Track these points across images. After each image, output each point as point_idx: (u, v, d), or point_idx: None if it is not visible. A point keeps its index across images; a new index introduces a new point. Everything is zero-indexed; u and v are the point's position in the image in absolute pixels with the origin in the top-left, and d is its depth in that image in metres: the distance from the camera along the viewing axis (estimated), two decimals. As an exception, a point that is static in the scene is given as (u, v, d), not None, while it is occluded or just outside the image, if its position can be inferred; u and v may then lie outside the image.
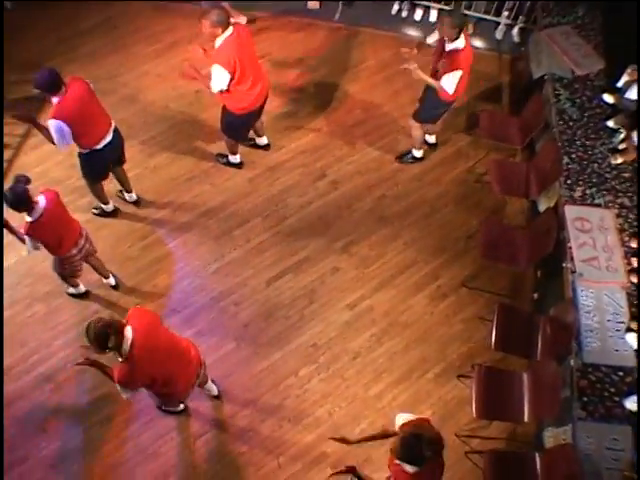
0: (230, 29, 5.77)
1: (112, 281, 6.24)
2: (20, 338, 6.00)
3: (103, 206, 6.68)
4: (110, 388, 5.49)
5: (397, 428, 4.05)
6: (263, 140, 7.27)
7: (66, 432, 5.54)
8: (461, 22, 5.82)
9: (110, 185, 6.62)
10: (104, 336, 4.04)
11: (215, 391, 5.64)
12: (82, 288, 6.17)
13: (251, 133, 7.09)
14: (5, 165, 7.13)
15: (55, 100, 5.40)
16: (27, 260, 5.71)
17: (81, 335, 4.34)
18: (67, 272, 5.83)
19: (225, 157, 7.16)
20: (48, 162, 7.08)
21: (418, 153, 7.17)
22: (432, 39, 6.33)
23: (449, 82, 6.00)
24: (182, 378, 4.72)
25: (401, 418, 4.13)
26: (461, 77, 6.00)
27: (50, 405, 5.67)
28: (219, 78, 5.86)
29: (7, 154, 7.22)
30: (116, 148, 6.12)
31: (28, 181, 5.05)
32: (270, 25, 8.59)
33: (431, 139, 7.34)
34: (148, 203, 6.89)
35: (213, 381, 5.58)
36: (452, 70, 5.93)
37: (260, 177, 7.11)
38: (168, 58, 8.05)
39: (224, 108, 6.40)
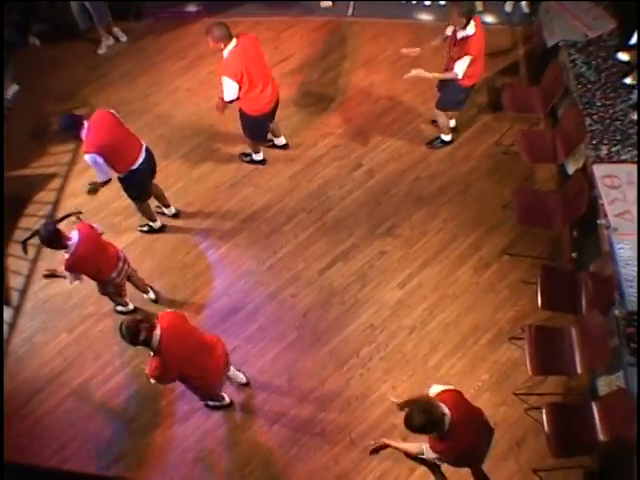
0: (234, 41, 6.00)
1: (152, 295, 6.48)
2: (94, 352, 6.32)
3: (152, 224, 6.93)
4: (183, 388, 5.85)
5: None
6: (281, 140, 7.50)
7: (149, 432, 5.83)
8: (469, 10, 5.96)
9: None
10: (135, 331, 4.39)
11: (244, 379, 5.88)
12: (131, 306, 6.44)
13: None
14: (56, 193, 7.48)
15: (83, 136, 5.73)
16: (87, 281, 5.86)
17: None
18: (111, 291, 6.09)
19: (249, 155, 7.43)
20: (96, 186, 7.40)
21: (447, 137, 7.30)
22: (449, 30, 6.39)
23: (459, 67, 6.18)
24: (212, 370, 5.00)
25: (434, 389, 4.37)
26: (473, 61, 6.15)
27: (130, 410, 5.97)
28: (229, 89, 6.14)
29: (57, 183, 7.58)
30: (151, 165, 6.39)
31: (56, 222, 5.46)
32: (289, 28, 8.85)
33: (451, 123, 7.39)
34: (197, 212, 7.15)
35: (239, 370, 5.83)
36: (462, 56, 6.12)
37: (300, 174, 7.33)
38: (196, 72, 8.33)
39: (241, 112, 6.63)
